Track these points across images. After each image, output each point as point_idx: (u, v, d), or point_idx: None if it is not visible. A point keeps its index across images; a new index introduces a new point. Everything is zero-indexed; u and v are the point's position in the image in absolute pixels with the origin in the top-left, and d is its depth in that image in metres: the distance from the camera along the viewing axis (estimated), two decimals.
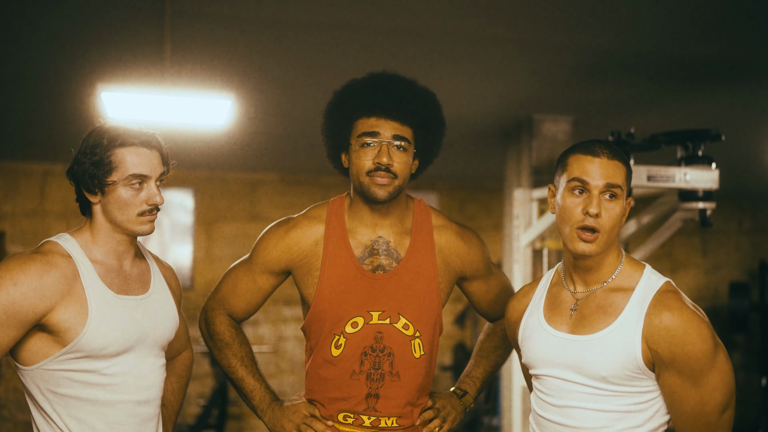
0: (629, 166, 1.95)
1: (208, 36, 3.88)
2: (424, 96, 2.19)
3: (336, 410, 2.19)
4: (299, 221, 2.24)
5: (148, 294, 2.07)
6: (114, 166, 1.96)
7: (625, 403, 1.88)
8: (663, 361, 1.84)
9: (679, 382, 1.84)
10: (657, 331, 1.83)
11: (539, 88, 4.80)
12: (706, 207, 3.31)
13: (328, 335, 2.18)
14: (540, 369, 1.98)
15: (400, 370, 2.18)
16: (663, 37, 3.90)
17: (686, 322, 1.82)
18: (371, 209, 2.20)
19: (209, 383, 7.48)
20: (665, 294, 1.87)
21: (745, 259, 9.27)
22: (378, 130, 2.12)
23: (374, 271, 2.18)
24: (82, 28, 3.76)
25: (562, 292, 2.00)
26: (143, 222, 2.00)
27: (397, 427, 2.20)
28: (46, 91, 4.81)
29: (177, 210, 7.70)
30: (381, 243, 2.20)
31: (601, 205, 1.87)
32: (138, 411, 2.01)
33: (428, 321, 2.21)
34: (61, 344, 1.91)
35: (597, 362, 1.87)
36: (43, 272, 1.90)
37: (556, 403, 1.94)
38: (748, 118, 5.50)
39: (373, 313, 2.17)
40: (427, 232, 2.25)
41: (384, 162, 2.10)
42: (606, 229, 1.88)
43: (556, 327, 1.96)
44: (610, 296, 1.91)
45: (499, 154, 5.91)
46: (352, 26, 3.75)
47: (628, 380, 1.86)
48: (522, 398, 4.45)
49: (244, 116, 5.14)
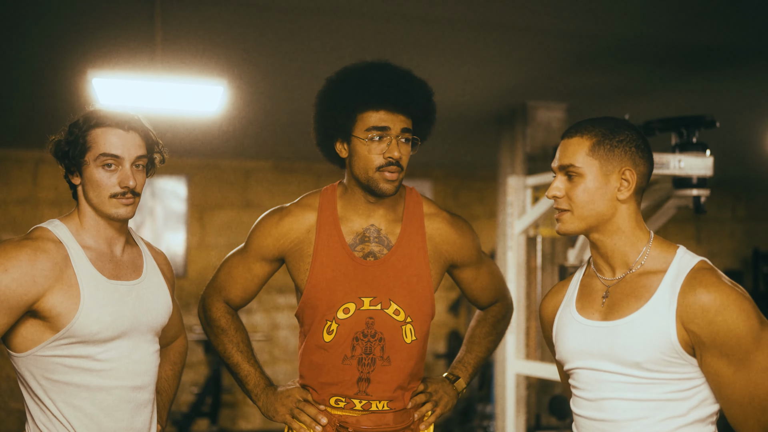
0: (605, 136, 1.83)
1: (200, 22, 3.86)
2: (424, 88, 2.22)
3: (328, 394, 2.22)
4: (292, 209, 2.27)
5: (140, 279, 2.06)
6: (88, 146, 1.96)
7: (665, 391, 1.76)
8: (703, 343, 1.71)
9: (724, 364, 1.71)
10: (692, 310, 1.72)
11: (533, 75, 4.79)
12: (700, 194, 3.31)
13: (320, 321, 2.20)
14: (573, 362, 1.89)
15: (391, 354, 2.21)
16: (658, 24, 3.89)
17: (724, 298, 1.71)
18: (367, 199, 2.22)
19: (203, 371, 7.48)
20: (699, 272, 1.76)
21: (739, 246, 9.30)
22: (388, 124, 2.13)
23: (365, 258, 2.21)
24: (72, 14, 3.74)
25: (594, 281, 1.92)
26: (116, 205, 1.98)
27: (388, 410, 2.23)
28: (38, 78, 4.79)
29: (170, 198, 7.68)
30: (372, 231, 2.23)
31: (557, 187, 1.86)
32: (132, 396, 2.01)
33: (419, 307, 2.23)
34: (53, 330, 1.90)
35: (629, 347, 1.76)
36: (33, 258, 1.89)
37: (590, 397, 1.84)
38: (742, 105, 5.50)
39: (365, 299, 2.19)
40: (419, 219, 2.27)
41: (395, 156, 2.13)
42: (577, 207, 1.83)
43: (588, 316, 1.88)
44: (641, 280, 1.82)
45: (493, 141, 5.90)
46: (345, 12, 3.73)
47: (664, 365, 1.75)
48: (515, 386, 4.45)
49: (237, 103, 5.12)
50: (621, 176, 1.83)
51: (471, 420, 6.84)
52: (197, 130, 5.96)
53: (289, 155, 7.72)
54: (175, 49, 4.04)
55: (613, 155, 1.82)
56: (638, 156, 1.84)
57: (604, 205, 1.83)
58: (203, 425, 7.07)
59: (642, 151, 1.85)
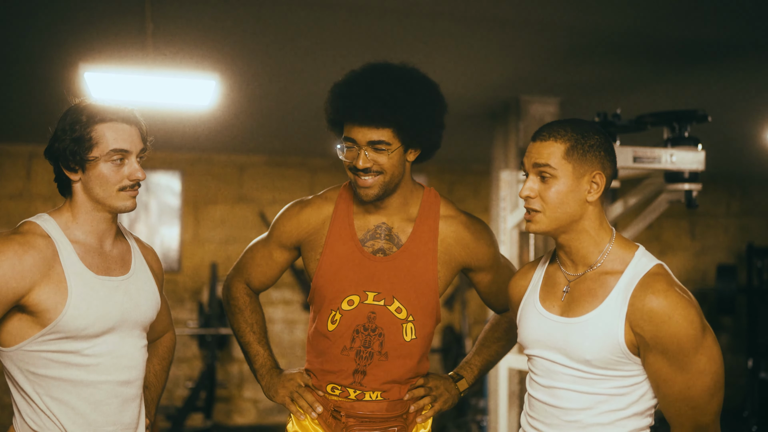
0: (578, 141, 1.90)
1: (192, 15, 3.84)
2: (404, 89, 2.15)
3: (326, 381, 2.29)
4: (314, 200, 2.35)
5: (128, 275, 2.06)
6: (95, 142, 1.95)
7: (609, 386, 1.88)
8: (647, 344, 1.83)
9: (664, 365, 1.83)
10: (640, 315, 1.83)
11: (526, 69, 4.78)
12: (692, 188, 3.32)
13: (326, 310, 2.27)
14: (532, 349, 2.01)
15: (389, 350, 2.25)
16: (650, 18, 3.89)
17: (671, 305, 1.81)
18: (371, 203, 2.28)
19: (197, 366, 7.47)
20: (652, 277, 1.86)
21: (733, 241, 9.32)
22: (353, 137, 2.16)
23: (374, 254, 2.26)
24: (64, 8, 3.72)
25: (557, 273, 2.02)
26: (125, 198, 2.00)
27: (382, 400, 2.28)
28: (30, 72, 4.77)
29: (164, 192, 7.66)
30: (383, 228, 2.28)
31: (530, 187, 1.93)
32: (120, 391, 2.01)
33: (422, 306, 2.27)
34: (41, 325, 1.90)
35: (580, 346, 1.88)
36: (21, 253, 1.89)
37: (544, 384, 1.97)
38: (735, 100, 5.50)
39: (369, 293, 2.25)
40: (433, 220, 2.30)
41: (360, 166, 2.16)
42: (549, 208, 1.90)
43: (549, 309, 1.98)
44: (599, 279, 1.92)
45: (486, 135, 5.89)
46: (339, 5, 3.72)
47: (611, 364, 1.87)
48: (508, 380, 4.46)
49: (230, 97, 5.11)
50: (591, 179, 1.91)
51: (464, 414, 6.84)
52: (190, 125, 5.94)
53: (282, 149, 7.71)
54: (167, 43, 4.03)
55: (585, 159, 1.90)
56: (606, 160, 1.92)
57: (574, 207, 1.91)
58: (198, 420, 7.07)
59: (609, 155, 1.94)
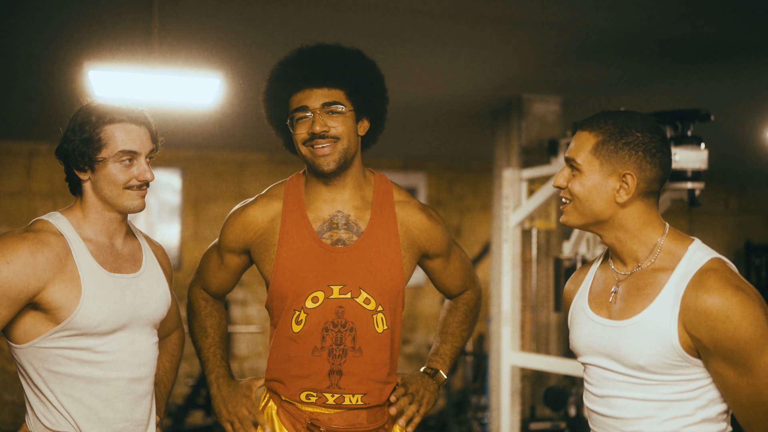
0: (612, 135, 1.79)
1: (197, 14, 3.85)
2: (350, 54, 2.16)
3: (298, 389, 2.15)
4: (257, 200, 2.26)
5: (140, 272, 2.07)
6: (104, 143, 1.96)
7: (670, 392, 1.73)
8: (706, 348, 1.68)
9: (729, 370, 1.68)
10: (694, 315, 1.67)
11: (528, 67, 4.79)
12: (694, 187, 3.32)
13: (288, 311, 2.14)
14: (583, 357, 1.88)
15: (362, 345, 2.14)
16: (653, 17, 3.90)
17: (727, 303, 1.66)
18: (326, 183, 2.17)
19: (198, 363, 7.47)
20: (706, 273, 1.71)
21: (732, 239, 9.34)
22: (306, 103, 2.09)
23: (334, 245, 2.14)
24: (69, 6, 3.73)
25: (607, 272, 1.89)
26: (132, 197, 2.00)
27: (362, 405, 2.15)
28: (33, 70, 4.77)
29: (165, 190, 7.67)
30: (340, 217, 2.17)
31: (562, 176, 1.84)
32: (132, 388, 2.02)
33: (390, 295, 2.16)
34: (54, 322, 1.91)
35: (632, 350, 1.74)
36: (35, 250, 1.90)
37: (599, 393, 1.83)
38: (736, 99, 5.52)
39: (334, 288, 2.12)
40: (389, 206, 2.20)
41: (317, 131, 2.08)
42: (575, 201, 1.82)
43: (597, 312, 1.85)
44: (650, 276, 1.78)
45: (488, 134, 5.90)
46: (342, 5, 3.73)
47: (668, 368, 1.72)
48: (510, 377, 4.47)
49: (233, 95, 5.11)
50: (621, 179, 1.78)
51: (465, 412, 6.86)
52: (193, 123, 5.94)
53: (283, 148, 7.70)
54: (172, 42, 4.03)
55: (616, 157, 1.78)
56: (646, 160, 1.78)
57: (600, 204, 1.80)
58: (198, 417, 7.07)
59: (652, 156, 1.78)
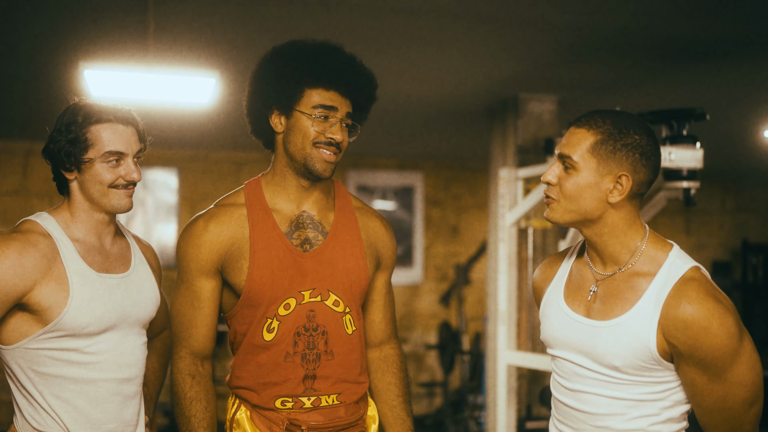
0: (611, 136, 1.78)
1: (193, 13, 3.84)
2: (371, 77, 2.20)
3: (272, 396, 2.11)
4: (214, 211, 2.16)
5: (128, 272, 2.07)
6: (90, 143, 1.95)
7: (640, 392, 1.78)
8: (681, 354, 1.72)
9: (700, 375, 1.73)
10: (674, 324, 1.71)
11: (524, 66, 4.79)
12: (690, 186, 3.32)
13: (260, 320, 2.10)
14: (555, 350, 1.91)
15: (334, 348, 2.13)
16: (649, 16, 3.90)
17: (707, 314, 1.69)
18: (299, 184, 2.16)
19: None
20: (687, 282, 1.73)
21: (729, 238, 9.35)
22: (336, 105, 2.09)
23: (302, 246, 2.13)
24: (65, 5, 3.72)
25: (585, 269, 1.89)
26: (119, 196, 1.99)
27: (339, 404, 2.15)
28: (28, 69, 4.76)
29: (161, 189, 7.66)
30: (306, 216, 2.16)
31: (552, 173, 1.82)
32: (120, 389, 2.01)
33: (356, 297, 2.18)
34: (42, 323, 1.91)
35: (609, 351, 1.77)
36: (22, 251, 1.89)
37: (569, 387, 1.87)
38: (730, 98, 5.52)
39: (305, 293, 2.11)
40: (350, 210, 2.23)
41: (337, 138, 2.09)
42: (564, 199, 1.80)
43: (574, 308, 1.87)
44: (630, 281, 1.80)
45: (484, 133, 5.90)
46: (338, 4, 3.73)
47: (642, 370, 1.76)
48: (506, 376, 4.47)
49: (229, 95, 5.10)
50: (616, 180, 1.78)
51: (462, 410, 6.86)
52: (189, 122, 5.94)
53: None
54: (167, 41, 4.03)
55: (614, 158, 1.77)
56: (641, 163, 1.78)
57: (591, 204, 1.79)
58: None
59: (647, 159, 1.78)
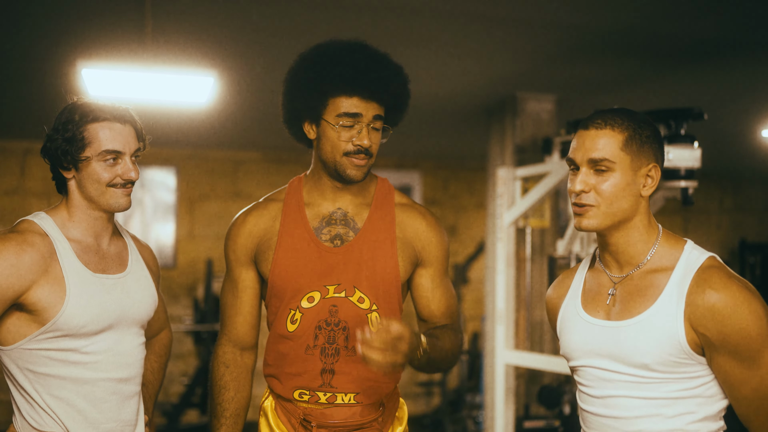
0: (635, 131, 1.77)
1: (190, 12, 3.84)
2: (400, 74, 2.15)
3: (292, 387, 2.14)
4: (257, 205, 2.24)
5: (126, 272, 2.06)
6: (87, 141, 1.94)
7: (673, 390, 1.72)
8: (713, 344, 1.68)
9: (734, 364, 1.68)
10: (702, 312, 1.68)
11: (522, 66, 4.79)
12: (688, 185, 3.32)
13: (284, 310, 2.14)
14: (578, 360, 1.85)
15: (356, 345, 2.06)
16: (646, 16, 3.90)
17: (734, 299, 1.67)
18: (333, 185, 2.17)
19: (193, 362, 7.47)
20: (707, 270, 1.72)
21: (726, 237, 9.36)
22: (361, 111, 2.07)
23: (332, 241, 2.14)
24: (62, 4, 3.72)
25: (600, 276, 1.87)
26: (117, 195, 1.98)
27: (355, 404, 2.12)
28: (26, 68, 4.76)
29: (159, 188, 7.66)
30: (339, 213, 2.17)
31: (583, 181, 1.77)
32: (119, 388, 2.01)
33: (385, 294, 2.14)
34: (39, 323, 1.90)
35: (636, 349, 1.72)
36: (19, 251, 1.88)
37: (597, 394, 1.80)
38: (728, 97, 5.53)
39: (329, 287, 2.12)
40: (389, 206, 2.20)
41: (365, 145, 2.07)
42: (605, 202, 1.76)
43: (593, 314, 1.83)
44: (648, 278, 1.78)
45: (482, 132, 5.90)
46: (336, 3, 3.72)
47: (673, 366, 1.71)
48: (504, 376, 4.47)
49: (227, 94, 5.11)
50: (647, 173, 1.79)
51: (460, 410, 6.87)
52: (187, 121, 5.94)
53: (278, 146, 7.71)
54: (165, 40, 4.02)
55: (643, 151, 1.78)
56: (660, 153, 1.81)
57: (630, 201, 1.78)
58: (193, 416, 7.07)
59: (662, 148, 1.82)
